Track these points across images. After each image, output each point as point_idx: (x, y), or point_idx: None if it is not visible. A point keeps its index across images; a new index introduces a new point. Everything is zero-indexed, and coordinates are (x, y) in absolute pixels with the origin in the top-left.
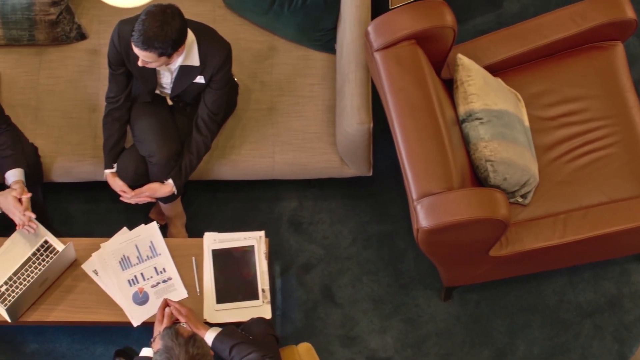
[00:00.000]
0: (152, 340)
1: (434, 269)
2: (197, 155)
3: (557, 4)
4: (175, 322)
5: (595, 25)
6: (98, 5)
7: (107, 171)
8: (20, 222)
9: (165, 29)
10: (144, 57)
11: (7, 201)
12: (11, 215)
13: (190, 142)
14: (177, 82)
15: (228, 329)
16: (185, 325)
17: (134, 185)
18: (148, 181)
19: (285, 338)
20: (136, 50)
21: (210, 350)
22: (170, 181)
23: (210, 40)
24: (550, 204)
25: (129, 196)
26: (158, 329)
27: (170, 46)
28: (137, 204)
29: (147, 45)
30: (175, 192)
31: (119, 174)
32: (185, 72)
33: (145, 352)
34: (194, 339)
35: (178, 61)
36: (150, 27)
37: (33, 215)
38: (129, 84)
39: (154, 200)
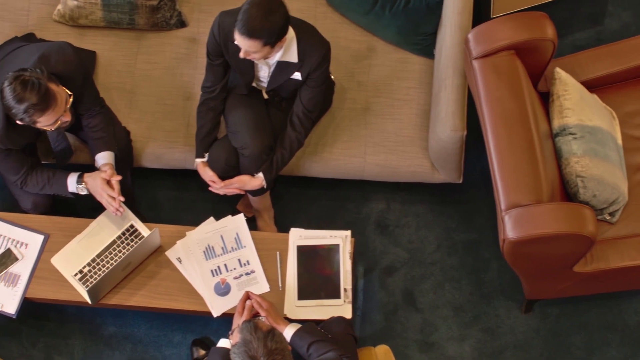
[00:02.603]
0: (230, 332)
1: (516, 281)
2: (290, 150)
3: None
4: (255, 315)
5: None
6: None
7: (198, 160)
8: (107, 204)
9: (270, 17)
10: (248, 47)
11: (96, 183)
12: (98, 198)
13: (283, 137)
14: (274, 76)
15: (307, 326)
16: (264, 320)
17: (223, 176)
18: (238, 173)
19: (364, 339)
20: (240, 40)
21: (288, 346)
22: (260, 174)
23: (310, 38)
24: (638, 224)
25: (218, 186)
26: (237, 321)
27: (275, 35)
28: (225, 195)
29: (251, 34)
30: (265, 186)
31: (210, 163)
32: (283, 67)
33: (223, 343)
34: (273, 333)
35: (277, 56)
36: (256, 15)
37: (122, 199)
38: (226, 75)
39: (242, 193)
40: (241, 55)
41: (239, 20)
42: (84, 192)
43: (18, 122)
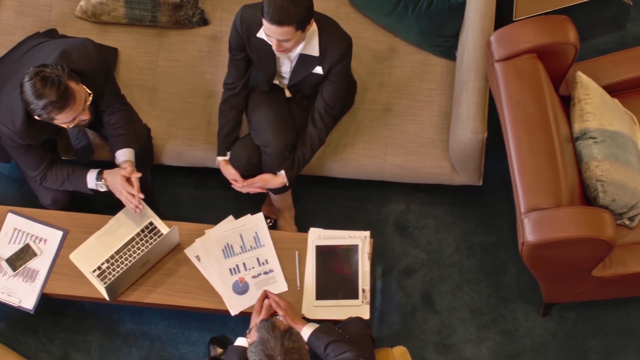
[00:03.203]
0: (248, 331)
1: (534, 284)
2: (311, 148)
3: None
4: (273, 314)
5: None
6: None
7: (220, 158)
8: (126, 201)
9: (296, 1)
10: (281, 35)
11: (115, 180)
12: (118, 195)
13: (304, 135)
14: (295, 70)
15: (325, 326)
16: (282, 319)
17: (245, 174)
18: (260, 171)
19: (381, 340)
20: (271, 30)
21: (305, 345)
22: (282, 172)
23: (331, 32)
24: None
25: (240, 185)
26: (255, 320)
27: (304, 17)
28: (246, 194)
29: (282, 21)
30: (287, 184)
31: (232, 162)
32: (305, 61)
33: (240, 341)
34: (290, 333)
35: (298, 49)
36: (282, 2)
37: (142, 196)
38: (248, 71)
39: (265, 191)
40: (274, 48)
41: (267, 12)
42: (103, 189)
43: (36, 117)
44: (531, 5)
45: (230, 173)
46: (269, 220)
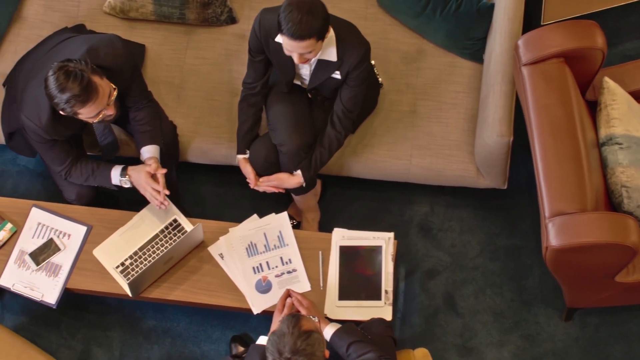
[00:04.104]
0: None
1: (557, 288)
2: (329, 150)
3: None
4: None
5: None
6: None
7: (240, 156)
8: (151, 197)
9: (314, 13)
10: (303, 49)
11: (140, 176)
12: (142, 191)
13: (323, 136)
14: (314, 74)
15: (347, 326)
16: (315, 319)
17: (263, 173)
18: (278, 170)
19: (403, 341)
20: (293, 45)
21: (322, 353)
22: (299, 172)
23: (349, 37)
24: None
25: (253, 184)
26: (277, 318)
27: (323, 27)
28: (270, 193)
29: (303, 36)
30: (304, 185)
31: (250, 160)
32: (323, 66)
33: (262, 340)
34: (309, 335)
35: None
36: (301, 17)
37: (167, 192)
38: (267, 72)
39: (282, 191)
40: (297, 61)
41: (286, 29)
42: (127, 185)
43: (61, 112)
44: (560, 10)
45: (248, 171)
46: (293, 221)
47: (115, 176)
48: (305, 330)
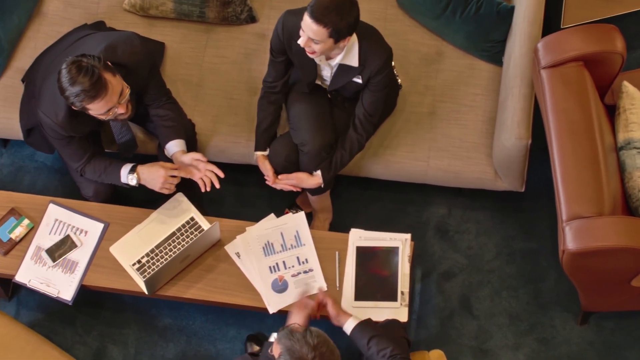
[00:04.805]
0: (270, 350)
1: (573, 292)
2: (350, 152)
3: None
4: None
5: None
6: None
7: (258, 153)
8: (167, 186)
9: (343, 10)
10: (313, 34)
11: (152, 171)
12: (154, 187)
13: (345, 138)
14: (335, 78)
15: (368, 320)
16: (330, 307)
17: (282, 172)
18: (297, 170)
19: (418, 343)
20: (307, 24)
21: (327, 337)
22: (318, 173)
23: (371, 43)
24: None
25: (271, 181)
26: (293, 318)
27: (342, 29)
28: (285, 192)
29: (319, 19)
30: (323, 185)
31: (271, 158)
32: (344, 70)
33: (275, 337)
34: (309, 331)
35: (337, 58)
36: (328, 4)
37: (204, 159)
38: (288, 72)
39: (299, 190)
40: (301, 43)
41: (311, 5)
42: (133, 183)
43: (72, 107)
44: (579, 14)
45: (266, 168)
46: (297, 209)
47: (124, 174)
48: (303, 331)
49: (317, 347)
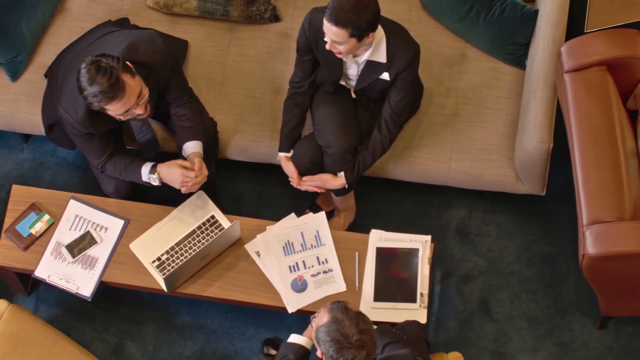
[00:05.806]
0: (313, 316)
1: (593, 297)
2: (373, 154)
3: None
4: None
5: None
6: None
7: (282, 154)
8: (190, 185)
9: (360, 8)
10: (334, 36)
11: (171, 171)
12: (174, 184)
13: (369, 140)
14: (362, 75)
15: (383, 327)
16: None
17: (305, 173)
18: (321, 171)
19: (437, 345)
20: (327, 27)
21: (374, 327)
22: (342, 174)
23: (399, 39)
24: None
25: (296, 183)
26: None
27: (362, 27)
28: (305, 192)
29: (338, 22)
30: (347, 187)
31: (295, 160)
32: (372, 67)
33: (294, 338)
34: (363, 315)
35: (365, 55)
36: (345, 5)
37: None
38: (315, 71)
39: (323, 191)
40: (327, 46)
41: (328, 8)
42: (155, 183)
43: (91, 107)
44: (603, 18)
45: (290, 169)
46: (315, 208)
47: (145, 173)
48: (357, 312)
49: (364, 332)
